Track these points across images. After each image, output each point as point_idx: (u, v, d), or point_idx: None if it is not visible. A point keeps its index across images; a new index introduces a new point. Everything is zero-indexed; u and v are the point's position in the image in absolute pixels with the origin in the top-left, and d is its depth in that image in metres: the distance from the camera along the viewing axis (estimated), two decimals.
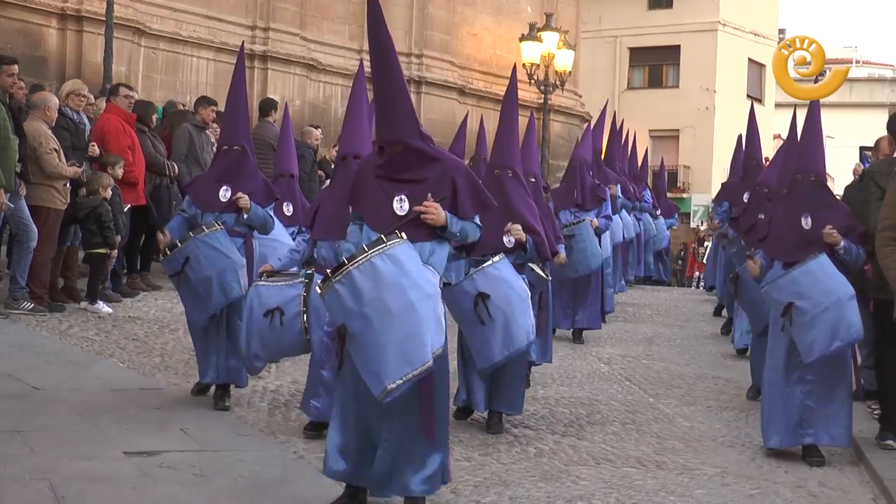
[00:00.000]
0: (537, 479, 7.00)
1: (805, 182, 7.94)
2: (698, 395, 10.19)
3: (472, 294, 7.75)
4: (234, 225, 8.31)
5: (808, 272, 7.64)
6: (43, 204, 10.88)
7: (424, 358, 5.31)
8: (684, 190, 41.23)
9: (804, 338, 7.61)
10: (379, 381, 5.28)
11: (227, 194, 8.26)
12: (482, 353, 7.84)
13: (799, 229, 7.86)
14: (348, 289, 5.29)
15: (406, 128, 5.80)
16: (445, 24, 24.79)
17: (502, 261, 7.89)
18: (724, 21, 41.30)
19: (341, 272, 5.30)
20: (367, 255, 5.33)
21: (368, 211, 5.89)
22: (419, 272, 5.47)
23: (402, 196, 5.78)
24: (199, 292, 8.06)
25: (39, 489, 5.99)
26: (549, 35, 24.54)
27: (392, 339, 5.27)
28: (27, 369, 8.65)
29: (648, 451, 7.96)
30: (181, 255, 8.00)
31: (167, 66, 19.78)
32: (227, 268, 8.03)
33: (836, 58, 58.38)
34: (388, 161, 5.87)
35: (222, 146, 8.51)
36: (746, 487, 7.10)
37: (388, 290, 5.28)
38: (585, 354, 11.92)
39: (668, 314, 16.28)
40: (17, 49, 16.37)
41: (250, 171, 8.42)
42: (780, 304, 7.73)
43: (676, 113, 40.81)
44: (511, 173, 8.25)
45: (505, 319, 7.74)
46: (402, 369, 5.27)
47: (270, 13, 21.39)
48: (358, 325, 5.30)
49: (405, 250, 5.45)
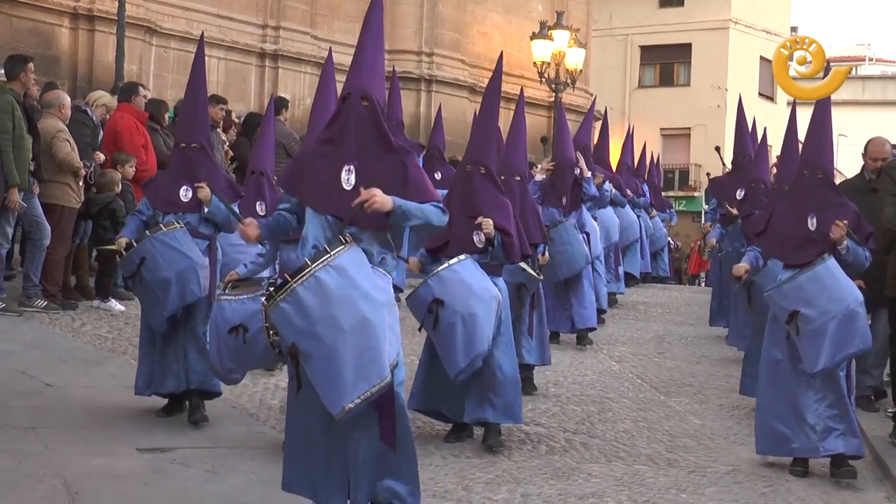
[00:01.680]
0: (549, 476, 7.01)
1: (812, 179, 7.53)
2: (710, 393, 10.18)
3: (427, 301, 7.33)
4: (199, 225, 7.80)
5: (815, 278, 7.25)
6: (57, 202, 10.92)
7: (382, 374, 4.95)
8: (695, 188, 41.15)
9: (810, 348, 7.22)
10: (335, 401, 4.92)
11: (187, 194, 7.76)
12: (449, 362, 7.37)
13: (803, 229, 7.45)
14: (294, 307, 4.90)
15: (375, 83, 5.39)
16: (456, 23, 24.78)
17: (462, 262, 7.41)
18: (735, 19, 41.22)
19: (285, 290, 4.90)
20: (311, 269, 4.91)
21: (313, 193, 5.37)
22: (368, 280, 5.04)
23: (350, 167, 5.28)
24: (155, 294, 7.57)
25: (53, 485, 6.03)
26: (560, 33, 24.52)
27: (346, 356, 4.89)
28: (40, 367, 8.69)
29: (660, 448, 7.96)
30: (136, 255, 7.53)
31: (178, 64, 19.79)
32: (187, 268, 7.56)
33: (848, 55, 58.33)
34: (342, 125, 5.35)
35: (179, 143, 7.98)
36: (758, 485, 7.10)
37: (336, 306, 4.89)
38: (597, 353, 11.91)
39: (679, 312, 16.26)
40: (30, 48, 16.39)
41: (211, 169, 7.89)
42: (784, 310, 7.33)
43: (688, 111, 40.73)
44: (483, 170, 7.78)
45: (464, 323, 7.26)
46: (359, 387, 4.90)
47: (281, 12, 21.41)
48: (309, 344, 4.92)
49: (352, 257, 5.02)
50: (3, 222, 10.43)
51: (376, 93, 5.35)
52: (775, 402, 7.42)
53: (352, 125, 5.28)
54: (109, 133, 12.17)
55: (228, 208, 7.67)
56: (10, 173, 10.13)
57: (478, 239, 7.58)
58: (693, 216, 39.35)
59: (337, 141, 5.32)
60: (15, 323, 10.17)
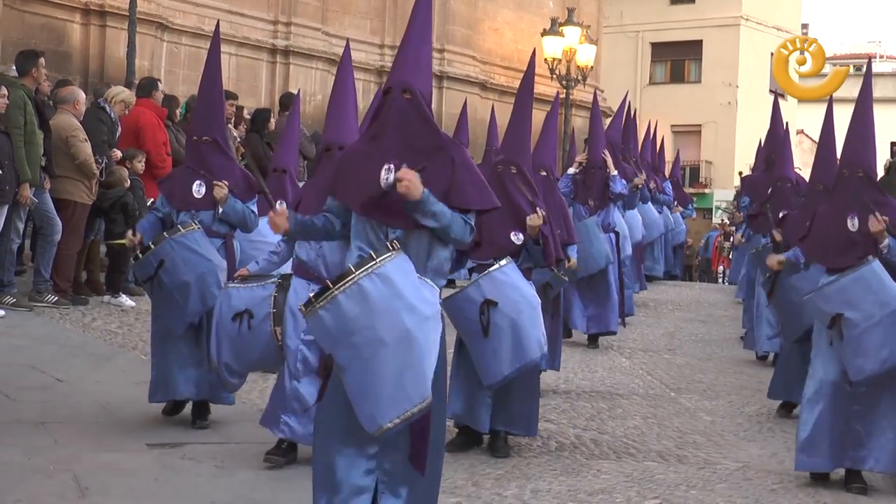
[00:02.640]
0: (559, 472, 7.00)
1: (852, 178, 7.05)
2: (720, 390, 10.16)
3: (479, 302, 7.02)
4: (212, 224, 7.54)
5: (860, 280, 6.82)
6: (69, 197, 10.95)
7: (424, 393, 4.62)
8: (706, 185, 41.12)
9: (853, 354, 6.78)
10: (373, 419, 4.60)
11: (201, 190, 7.48)
12: (490, 368, 7.06)
13: (844, 231, 7.01)
14: (333, 316, 4.58)
15: (419, 75, 5.09)
16: (467, 19, 24.76)
17: (510, 264, 7.18)
18: (746, 16, 41.14)
19: (325, 297, 4.57)
20: (355, 276, 4.58)
21: (353, 194, 5.04)
22: (415, 291, 4.71)
23: (391, 165, 4.89)
24: (174, 299, 7.32)
25: (63, 480, 6.05)
26: (571, 30, 24.51)
27: (387, 372, 4.57)
28: (51, 362, 8.71)
29: (670, 445, 7.95)
30: (155, 257, 7.27)
31: (190, 60, 19.80)
32: (207, 272, 7.32)
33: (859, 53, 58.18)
34: (384, 120, 5.05)
35: (192, 136, 7.75)
36: (768, 482, 7.09)
37: (379, 317, 4.56)
38: (607, 350, 11.90)
39: (689, 309, 16.24)
40: (42, 44, 16.42)
41: (224, 163, 7.61)
42: (826, 314, 6.88)
43: (698, 108, 40.69)
44: (514, 169, 7.56)
45: (514, 329, 7.00)
46: (399, 407, 4.57)
47: (292, 8, 21.41)
48: (347, 356, 4.62)
49: (398, 265, 4.69)
50: (15, 217, 10.46)
51: (419, 85, 5.04)
52: (819, 415, 6.94)
53: (393, 120, 4.99)
54: (130, 129, 12.16)
55: (245, 208, 7.55)
56: (22, 169, 10.16)
57: (516, 237, 7.40)
58: (704, 213, 39.29)
59: (378, 138, 5.03)
60: (26, 318, 10.20)
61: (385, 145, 4.95)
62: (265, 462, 6.53)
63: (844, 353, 6.82)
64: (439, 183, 4.88)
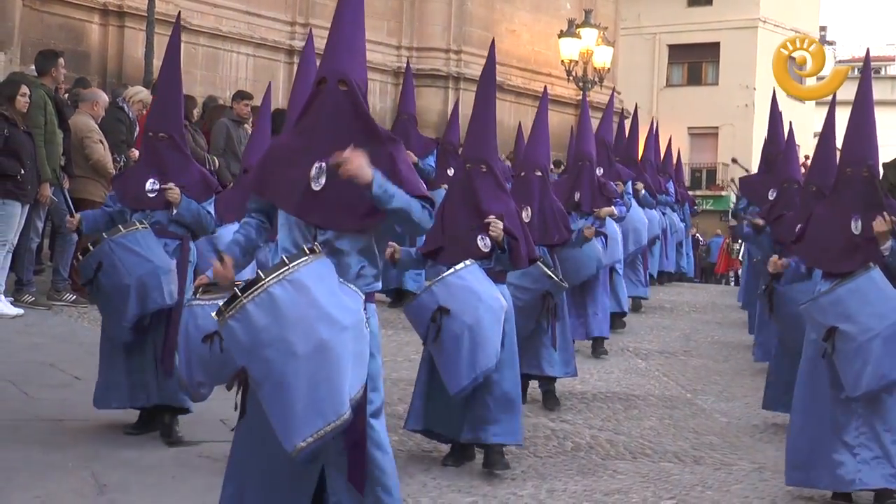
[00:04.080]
0: (574, 472, 7.01)
1: (856, 176, 6.62)
2: (736, 392, 10.15)
3: (432, 309, 6.62)
4: (169, 224, 7.12)
5: (857, 290, 6.37)
6: (88, 197, 11.00)
7: (340, 410, 4.25)
8: (723, 188, 41.03)
9: (849, 369, 6.35)
10: (287, 437, 4.25)
11: (154, 187, 7.06)
12: (450, 378, 6.65)
13: (846, 233, 6.57)
14: (243, 326, 4.22)
15: (354, 65, 4.66)
16: (484, 21, 24.78)
17: (468, 268, 6.67)
18: (764, 18, 41.07)
19: (234, 305, 4.22)
20: (264, 282, 4.21)
21: (281, 193, 4.66)
22: (332, 298, 4.32)
23: (321, 164, 4.52)
24: (113, 302, 6.93)
25: (82, 477, 6.09)
26: (588, 31, 24.52)
27: (298, 386, 4.21)
28: (69, 360, 8.74)
29: (686, 446, 7.95)
30: (93, 259, 6.88)
31: (207, 61, 19.90)
32: (148, 273, 6.84)
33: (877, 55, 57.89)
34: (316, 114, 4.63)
35: (147, 132, 7.32)
36: (784, 483, 7.07)
37: (290, 327, 4.20)
38: (623, 350, 11.90)
39: (705, 311, 16.22)
40: (60, 44, 16.50)
41: (180, 161, 7.20)
42: (821, 326, 6.43)
43: (716, 110, 40.63)
44: (484, 167, 7.00)
45: (471, 336, 6.56)
46: (313, 424, 4.22)
47: (310, 9, 21.47)
48: (259, 369, 4.26)
49: (314, 270, 4.31)
50: (34, 217, 10.52)
51: (355, 74, 4.62)
52: (810, 429, 6.55)
53: (327, 114, 4.58)
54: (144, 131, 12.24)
55: (201, 209, 7.13)
56: (42, 168, 10.22)
57: (483, 243, 6.83)
58: (721, 215, 39.21)
59: (310, 133, 4.62)
60: (44, 316, 10.25)
61: (317, 140, 4.58)
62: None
63: (840, 367, 6.39)
64: (387, 178, 4.51)
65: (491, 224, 6.78)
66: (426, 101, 22.82)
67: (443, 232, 6.86)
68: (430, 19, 23.70)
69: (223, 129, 13.38)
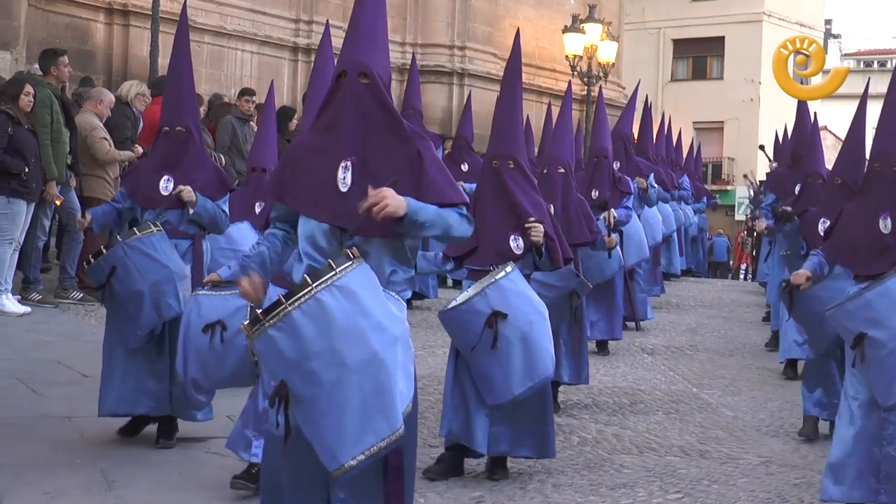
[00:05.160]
0: (580, 466, 7.03)
1: (885, 172, 6.19)
2: (742, 385, 10.16)
3: (486, 314, 6.24)
4: (180, 224, 6.91)
5: (887, 294, 5.90)
6: (94, 195, 11.05)
7: (394, 425, 3.95)
8: (728, 182, 41.03)
9: (880, 377, 5.94)
10: (333, 455, 3.93)
11: (168, 186, 6.84)
12: (498, 386, 6.32)
13: (874, 232, 6.15)
14: (287, 335, 3.86)
15: (376, 56, 4.37)
16: (488, 16, 24.79)
17: (515, 270, 6.42)
18: (769, 11, 41.06)
19: (276, 313, 3.86)
20: (311, 288, 3.87)
21: (305, 198, 4.31)
22: (381, 307, 4.01)
23: (348, 162, 4.23)
24: (127, 309, 6.67)
25: (90, 473, 6.12)
26: (592, 26, 24.53)
27: (350, 401, 3.90)
28: (76, 357, 8.78)
29: (692, 440, 7.96)
30: (106, 263, 6.60)
31: (212, 59, 19.94)
32: (164, 280, 6.59)
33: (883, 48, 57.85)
34: (337, 110, 4.30)
35: (163, 128, 7.02)
36: (790, 476, 7.09)
37: (341, 337, 3.88)
38: (629, 344, 11.91)
39: (712, 305, 16.23)
40: (66, 43, 16.57)
41: (197, 156, 7.00)
42: (850, 333, 6.00)
43: (721, 105, 40.64)
44: (512, 164, 6.72)
45: (525, 343, 6.29)
46: (364, 441, 3.91)
47: (314, 6, 21.50)
48: (303, 382, 3.91)
49: (361, 276, 3.98)
50: (41, 215, 10.56)
51: (378, 67, 4.32)
52: (847, 441, 6.10)
53: (349, 109, 4.26)
54: (148, 126, 12.24)
55: (216, 208, 6.94)
56: (49, 167, 10.26)
57: (515, 244, 6.58)
58: (727, 210, 39.22)
59: (332, 131, 4.30)
60: (51, 314, 10.29)
61: (340, 138, 4.27)
62: (233, 488, 5.91)
63: (869, 375, 5.99)
64: (411, 182, 4.22)
65: (532, 229, 6.53)
66: (431, 97, 22.84)
67: (475, 232, 6.45)
68: (434, 15, 23.71)
69: (228, 126, 13.42)
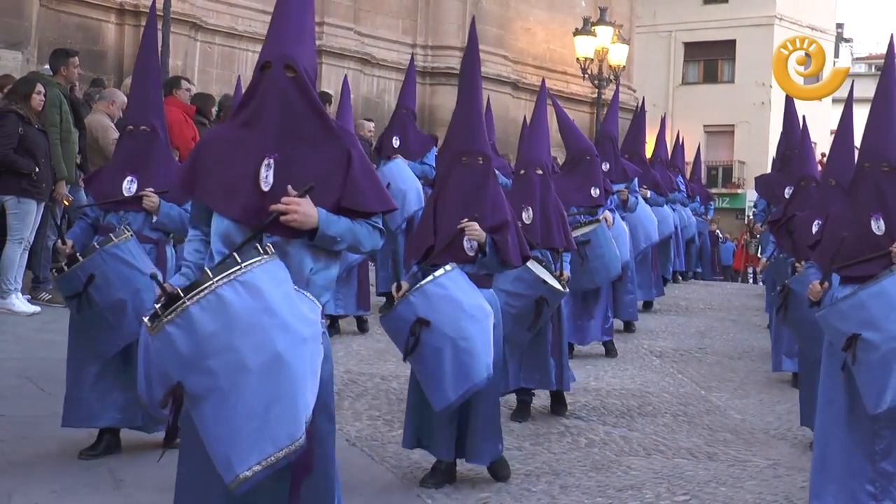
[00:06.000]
0: (588, 468, 7.03)
1: (875, 172, 5.89)
2: (750, 389, 10.14)
3: (410, 321, 6.04)
4: (143, 228, 6.61)
5: (881, 294, 5.61)
6: None
7: (295, 434, 3.69)
8: (739, 186, 40.97)
9: (870, 382, 5.60)
10: (228, 464, 3.66)
11: (131, 187, 6.53)
12: (435, 394, 6.12)
13: (865, 234, 5.86)
14: (185, 332, 3.62)
15: (303, 49, 4.20)
16: (499, 19, 24.83)
17: (449, 273, 6.10)
18: (780, 15, 40.98)
19: (174, 308, 3.63)
20: (211, 283, 3.64)
21: (218, 194, 4.08)
22: (289, 306, 3.76)
23: (271, 160, 4.02)
24: (106, 319, 6.35)
25: (98, 472, 6.14)
26: (603, 29, 24.55)
27: (248, 405, 3.64)
28: None
29: (700, 442, 7.96)
30: (83, 271, 6.28)
31: (223, 60, 19.99)
32: (144, 288, 6.19)
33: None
34: (260, 103, 4.09)
35: (127, 126, 6.75)
36: (798, 479, 7.07)
37: (242, 336, 3.63)
38: (637, 347, 11.90)
39: (720, 308, 16.19)
40: (77, 44, 16.63)
41: (162, 156, 6.66)
42: (841, 334, 5.69)
43: (731, 108, 40.57)
44: (481, 159, 6.43)
45: (454, 349, 6.02)
46: (262, 450, 3.66)
47: (324, 7, 21.54)
48: (199, 383, 3.66)
49: (269, 272, 3.75)
50: (50, 214, 10.57)
51: (305, 61, 4.14)
52: (830, 451, 5.85)
53: (273, 103, 4.06)
54: None
55: (182, 213, 6.54)
56: (58, 166, 10.29)
57: (469, 246, 6.27)
58: (737, 213, 39.17)
59: (254, 124, 4.08)
60: (61, 314, 10.27)
61: (263, 133, 4.05)
62: None
63: (860, 380, 5.66)
64: (332, 184, 4.07)
65: (467, 227, 6.22)
66: (441, 99, 22.89)
67: (434, 232, 6.35)
68: (445, 18, 23.76)
69: None
